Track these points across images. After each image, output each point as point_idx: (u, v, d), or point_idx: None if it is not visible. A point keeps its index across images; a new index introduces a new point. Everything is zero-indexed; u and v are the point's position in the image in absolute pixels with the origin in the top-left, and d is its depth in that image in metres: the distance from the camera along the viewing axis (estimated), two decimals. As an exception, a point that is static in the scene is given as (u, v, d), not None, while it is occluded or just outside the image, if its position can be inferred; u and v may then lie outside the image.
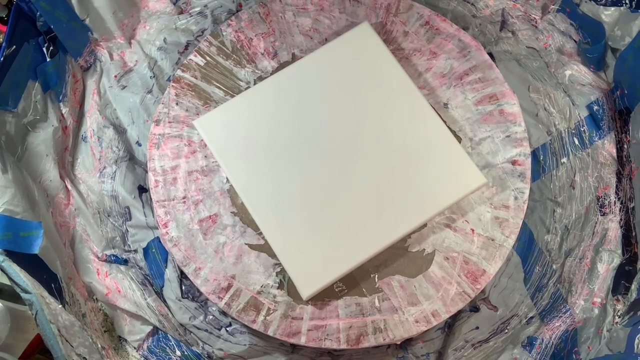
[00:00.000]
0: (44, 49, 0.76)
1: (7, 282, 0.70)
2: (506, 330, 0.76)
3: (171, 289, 0.77)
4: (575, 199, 0.78)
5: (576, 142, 0.80)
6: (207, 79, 0.82)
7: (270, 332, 0.71)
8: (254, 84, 0.82)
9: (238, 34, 0.84)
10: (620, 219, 0.75)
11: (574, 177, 0.79)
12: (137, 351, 0.73)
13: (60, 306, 0.62)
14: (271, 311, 0.72)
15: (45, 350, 0.75)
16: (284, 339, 0.71)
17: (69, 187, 0.77)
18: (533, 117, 0.82)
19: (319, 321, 0.72)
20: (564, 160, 0.80)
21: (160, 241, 0.79)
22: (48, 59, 0.76)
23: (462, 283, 0.73)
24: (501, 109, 0.79)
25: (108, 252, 0.76)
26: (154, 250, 0.79)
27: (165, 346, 0.74)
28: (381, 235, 0.70)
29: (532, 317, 0.75)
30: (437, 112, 0.75)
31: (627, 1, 0.75)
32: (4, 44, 0.69)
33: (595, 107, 0.79)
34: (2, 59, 0.68)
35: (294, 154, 0.73)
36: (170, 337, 0.74)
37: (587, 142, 0.79)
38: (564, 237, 0.77)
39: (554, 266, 0.76)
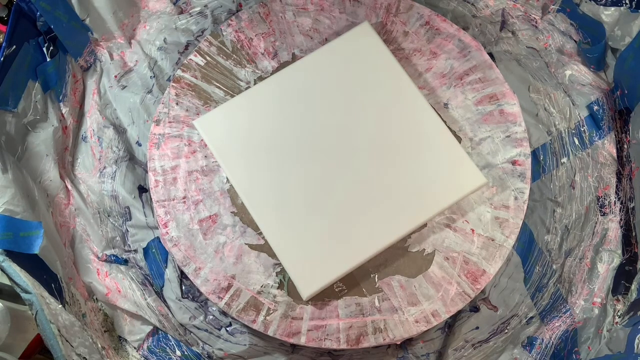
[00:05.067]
0: (44, 49, 0.76)
1: (7, 282, 0.70)
2: (506, 330, 0.76)
3: (171, 289, 0.77)
4: (575, 199, 0.78)
5: (576, 142, 0.80)
6: (207, 79, 0.82)
7: (270, 332, 0.71)
8: (254, 84, 0.82)
9: (238, 34, 0.84)
10: (620, 219, 0.75)
11: (574, 177, 0.79)
12: (137, 351, 0.73)
13: (60, 306, 0.62)
14: (271, 311, 0.72)
15: (45, 350, 0.75)
16: (284, 339, 0.71)
17: (69, 187, 0.77)
18: (533, 117, 0.82)
19: (319, 321, 0.72)
20: (564, 160, 0.80)
21: (160, 241, 0.79)
22: (48, 59, 0.76)
23: (462, 283, 0.73)
24: (501, 109, 0.79)
25: (108, 252, 0.76)
26: (154, 250, 0.79)
27: (165, 346, 0.74)
28: (381, 235, 0.70)
29: (532, 317, 0.75)
30: (437, 112, 0.75)
31: (627, 1, 0.75)
32: (4, 44, 0.69)
33: (595, 107, 0.79)
34: (2, 59, 0.68)
35: (294, 154, 0.73)
36: (170, 337, 0.74)
37: (587, 142, 0.79)
38: (564, 237, 0.77)
39: (554, 266, 0.76)
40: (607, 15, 0.77)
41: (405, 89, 0.75)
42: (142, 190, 0.81)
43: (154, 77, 0.85)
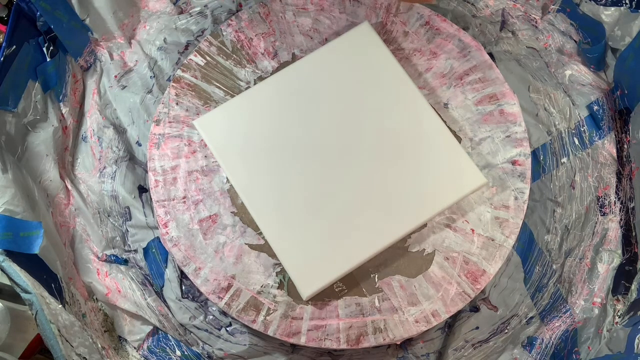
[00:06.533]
0: (44, 49, 0.76)
1: (7, 282, 0.70)
2: (506, 330, 0.76)
3: (171, 289, 0.77)
4: (575, 199, 0.78)
5: (576, 142, 0.80)
6: (207, 79, 0.82)
7: (270, 332, 0.71)
8: (254, 84, 0.82)
9: (238, 34, 0.84)
10: (620, 219, 0.75)
11: (574, 177, 0.79)
12: (137, 351, 0.73)
13: (60, 306, 0.62)
14: (271, 311, 0.72)
15: (45, 350, 0.75)
16: (284, 339, 0.71)
17: (69, 187, 0.77)
18: (533, 117, 0.82)
19: (319, 321, 0.72)
20: (564, 160, 0.80)
21: (160, 241, 0.79)
22: (48, 59, 0.76)
23: (462, 283, 0.73)
24: (501, 109, 0.79)
25: (108, 252, 0.76)
26: (154, 250, 0.79)
27: (165, 346, 0.74)
28: (381, 235, 0.70)
29: (532, 317, 0.75)
30: (437, 112, 0.75)
31: (627, 1, 0.75)
32: (4, 44, 0.69)
33: (595, 107, 0.79)
34: (2, 59, 0.68)
35: (294, 154, 0.73)
36: (170, 337, 0.74)
37: (587, 142, 0.79)
38: (564, 237, 0.77)
39: (554, 266, 0.76)
40: (607, 15, 0.77)
41: (405, 89, 0.75)
42: (142, 190, 0.81)
43: (154, 77, 0.85)
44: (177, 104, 0.81)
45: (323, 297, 0.73)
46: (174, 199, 0.77)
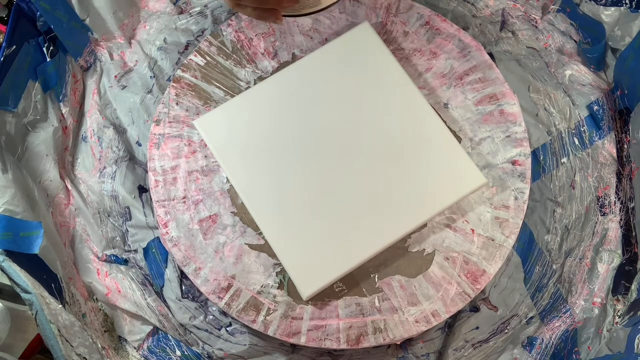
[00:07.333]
0: (44, 49, 0.76)
1: (7, 282, 0.70)
2: (506, 330, 0.76)
3: (171, 289, 0.77)
4: (575, 199, 0.78)
5: (576, 142, 0.80)
6: (207, 79, 0.82)
7: (270, 332, 0.71)
8: (254, 84, 0.82)
9: (238, 34, 0.84)
10: (620, 219, 0.75)
11: (574, 177, 0.79)
12: (137, 351, 0.73)
13: (60, 306, 0.62)
14: (271, 311, 0.72)
15: (45, 350, 0.75)
16: (284, 339, 0.71)
17: (69, 187, 0.77)
18: (533, 117, 0.82)
19: (319, 321, 0.72)
20: (564, 160, 0.80)
21: (160, 241, 0.79)
22: (48, 59, 0.76)
23: (462, 283, 0.73)
24: (501, 109, 0.79)
25: (108, 252, 0.76)
26: (154, 250, 0.79)
27: (165, 346, 0.74)
28: (381, 235, 0.70)
29: (532, 317, 0.75)
30: (437, 112, 0.75)
31: (627, 1, 0.75)
32: (4, 44, 0.69)
33: (595, 107, 0.79)
34: (2, 59, 0.68)
35: (294, 154, 0.73)
36: (170, 337, 0.74)
37: (587, 142, 0.79)
38: (564, 237, 0.77)
39: (554, 266, 0.76)
40: (607, 15, 0.77)
41: (405, 89, 0.75)
42: (142, 190, 0.81)
43: (154, 77, 0.85)
44: (177, 104, 0.81)
45: (323, 297, 0.73)
46: (174, 199, 0.77)
